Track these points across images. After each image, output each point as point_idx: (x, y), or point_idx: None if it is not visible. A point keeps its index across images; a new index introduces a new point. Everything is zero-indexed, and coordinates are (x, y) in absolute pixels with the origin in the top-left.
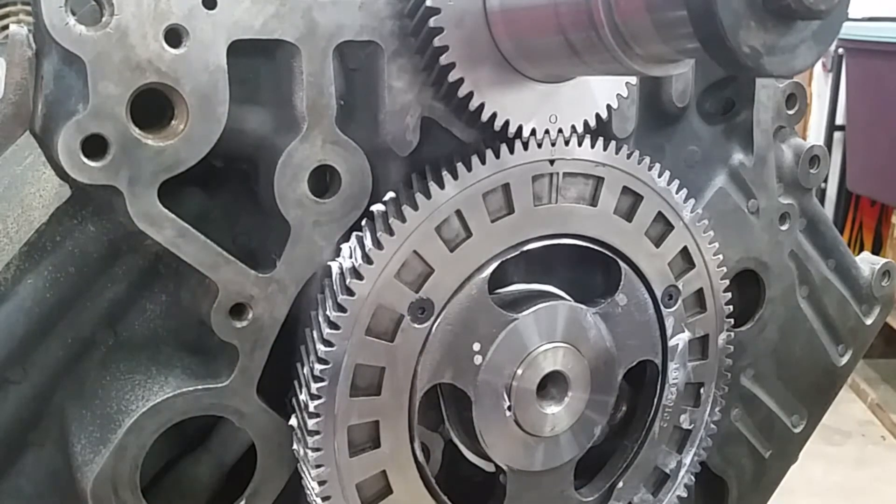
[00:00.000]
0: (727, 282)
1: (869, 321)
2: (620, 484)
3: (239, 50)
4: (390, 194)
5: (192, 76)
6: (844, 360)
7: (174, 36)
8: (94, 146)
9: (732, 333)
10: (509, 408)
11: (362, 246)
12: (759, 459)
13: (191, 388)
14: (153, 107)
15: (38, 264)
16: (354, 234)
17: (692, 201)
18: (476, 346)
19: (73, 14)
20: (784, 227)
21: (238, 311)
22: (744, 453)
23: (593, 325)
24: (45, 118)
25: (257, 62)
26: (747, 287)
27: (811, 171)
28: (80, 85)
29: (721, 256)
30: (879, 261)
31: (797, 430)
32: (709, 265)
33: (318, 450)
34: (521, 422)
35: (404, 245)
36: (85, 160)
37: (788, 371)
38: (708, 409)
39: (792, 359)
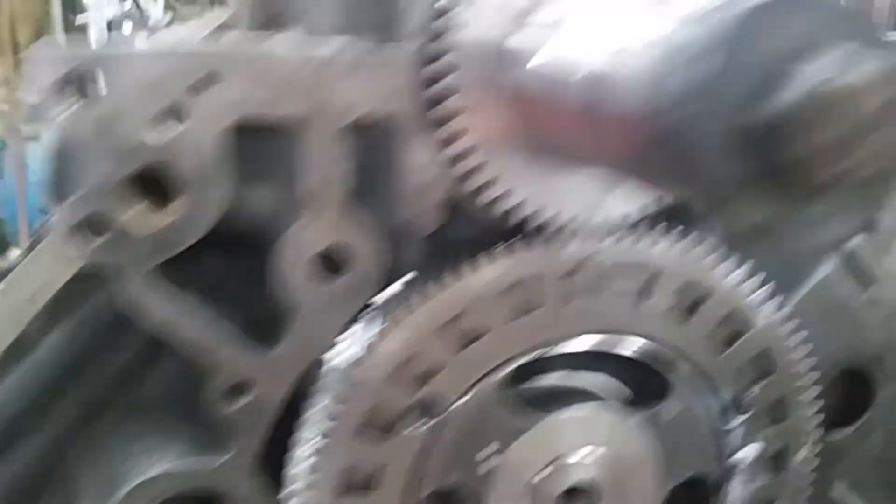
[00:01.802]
0: (817, 389)
1: None
2: None
3: (243, 127)
4: (401, 281)
5: (191, 155)
6: None
7: (173, 114)
8: (91, 226)
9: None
10: None
11: (366, 335)
12: None
13: (182, 469)
14: (151, 183)
15: (59, 323)
16: (360, 320)
17: (776, 299)
18: (490, 449)
19: (68, 92)
20: None
21: (237, 391)
22: None
23: (636, 432)
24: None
25: (263, 139)
26: (854, 385)
27: None
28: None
29: (813, 360)
30: None
31: None
32: (793, 370)
33: None
34: None
35: (411, 338)
36: (80, 240)
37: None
38: None
39: None
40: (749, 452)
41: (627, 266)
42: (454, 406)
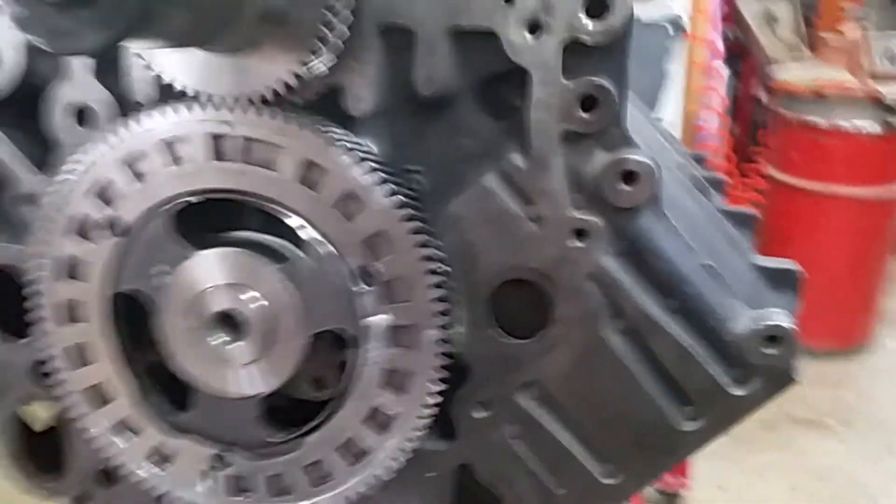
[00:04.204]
0: (437, 278)
1: (739, 392)
2: (312, 438)
3: None
4: None
5: None
6: (692, 426)
7: None
8: None
9: (454, 331)
10: (189, 329)
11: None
12: (547, 493)
13: None
14: None
15: None
16: None
17: (385, 187)
18: (161, 269)
19: None
20: (579, 245)
21: None
22: (520, 476)
23: (275, 279)
24: None
25: None
26: (537, 300)
27: (624, 187)
28: None
29: (427, 251)
30: (770, 318)
31: (606, 482)
32: (411, 255)
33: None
34: (200, 346)
35: (100, 167)
36: None
37: (591, 409)
38: (419, 401)
39: (597, 396)
40: (379, 320)
41: (258, 139)
42: (133, 228)
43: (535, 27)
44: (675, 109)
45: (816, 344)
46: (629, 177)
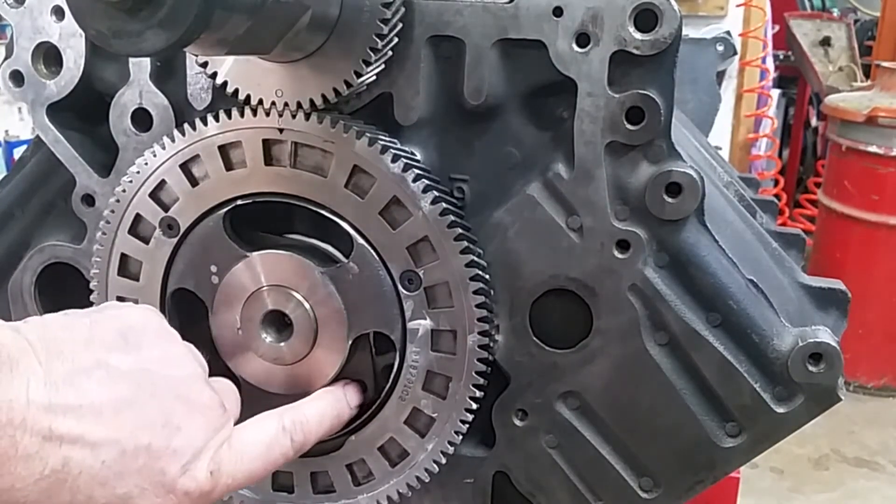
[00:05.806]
0: (480, 285)
1: (782, 409)
2: (353, 438)
3: None
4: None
5: None
6: (733, 442)
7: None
8: None
9: (494, 339)
10: (238, 329)
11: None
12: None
13: None
14: None
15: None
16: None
17: (430, 195)
18: (213, 269)
19: None
20: (622, 256)
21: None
22: (558, 486)
23: (321, 282)
24: None
25: None
26: (577, 311)
27: (668, 199)
28: None
29: (469, 258)
30: (814, 336)
31: (644, 496)
32: (454, 262)
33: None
34: (248, 344)
35: (160, 169)
36: None
37: (631, 422)
38: (458, 406)
39: (637, 409)
40: (421, 325)
41: (308, 144)
42: (189, 229)
43: (583, 39)
44: (724, 132)
45: (869, 380)
46: (673, 189)
